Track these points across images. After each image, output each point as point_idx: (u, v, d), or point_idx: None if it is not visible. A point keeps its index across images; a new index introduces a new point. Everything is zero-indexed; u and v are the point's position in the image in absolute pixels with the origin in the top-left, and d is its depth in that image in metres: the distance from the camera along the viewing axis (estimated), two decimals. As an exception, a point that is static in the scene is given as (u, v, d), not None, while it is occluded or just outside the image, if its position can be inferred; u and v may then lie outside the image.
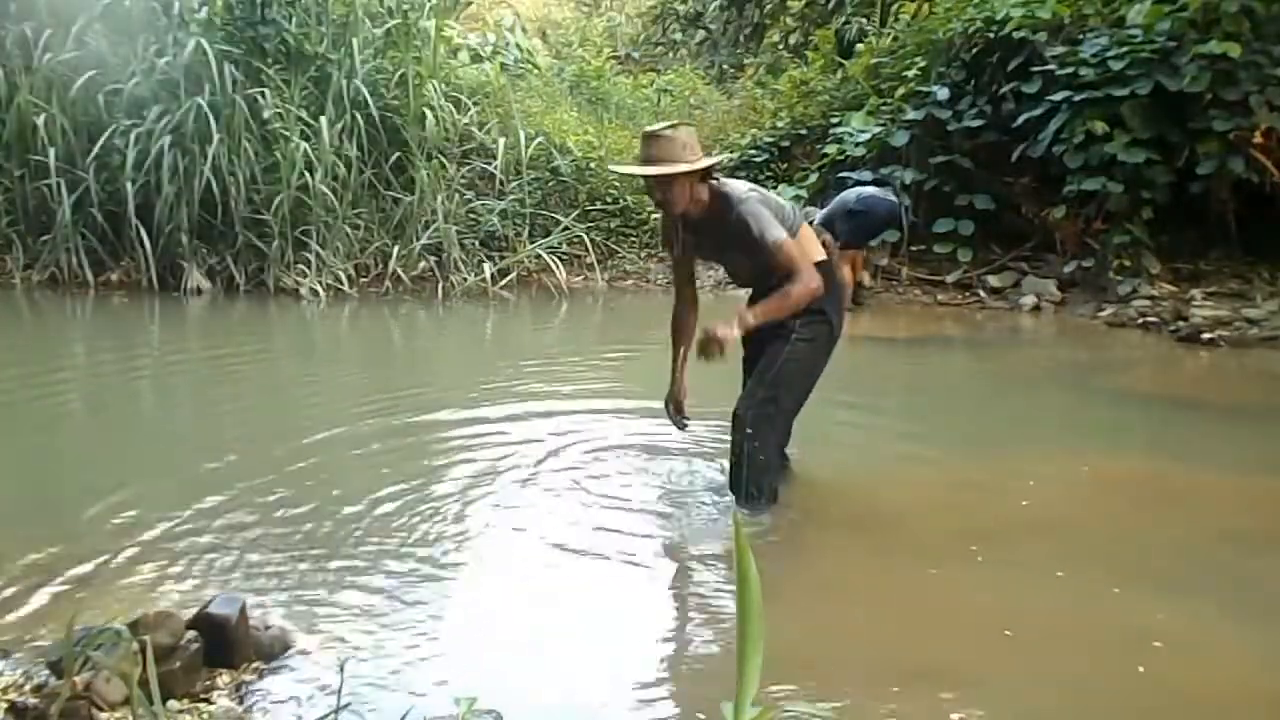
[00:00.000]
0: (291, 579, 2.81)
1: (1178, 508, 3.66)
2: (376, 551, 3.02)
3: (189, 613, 2.25)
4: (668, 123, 3.33)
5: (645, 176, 3.26)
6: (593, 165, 9.91)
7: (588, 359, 6.45)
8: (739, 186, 3.33)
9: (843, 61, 10.97)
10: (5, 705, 1.95)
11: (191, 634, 2.16)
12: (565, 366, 6.13)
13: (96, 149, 8.46)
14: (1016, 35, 8.64)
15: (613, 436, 4.28)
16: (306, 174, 8.42)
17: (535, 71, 12.00)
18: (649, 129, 3.25)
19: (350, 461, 4.11)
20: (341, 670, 1.90)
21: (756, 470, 3.31)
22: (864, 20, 12.39)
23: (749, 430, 3.28)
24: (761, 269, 3.30)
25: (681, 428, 3.67)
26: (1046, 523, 3.43)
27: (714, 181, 3.30)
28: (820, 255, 3.39)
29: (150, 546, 3.02)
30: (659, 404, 3.70)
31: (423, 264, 8.86)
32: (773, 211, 3.27)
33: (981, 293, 8.58)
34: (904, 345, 7.19)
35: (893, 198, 7.86)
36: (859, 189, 7.93)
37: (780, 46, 14.71)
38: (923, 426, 4.82)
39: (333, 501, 3.50)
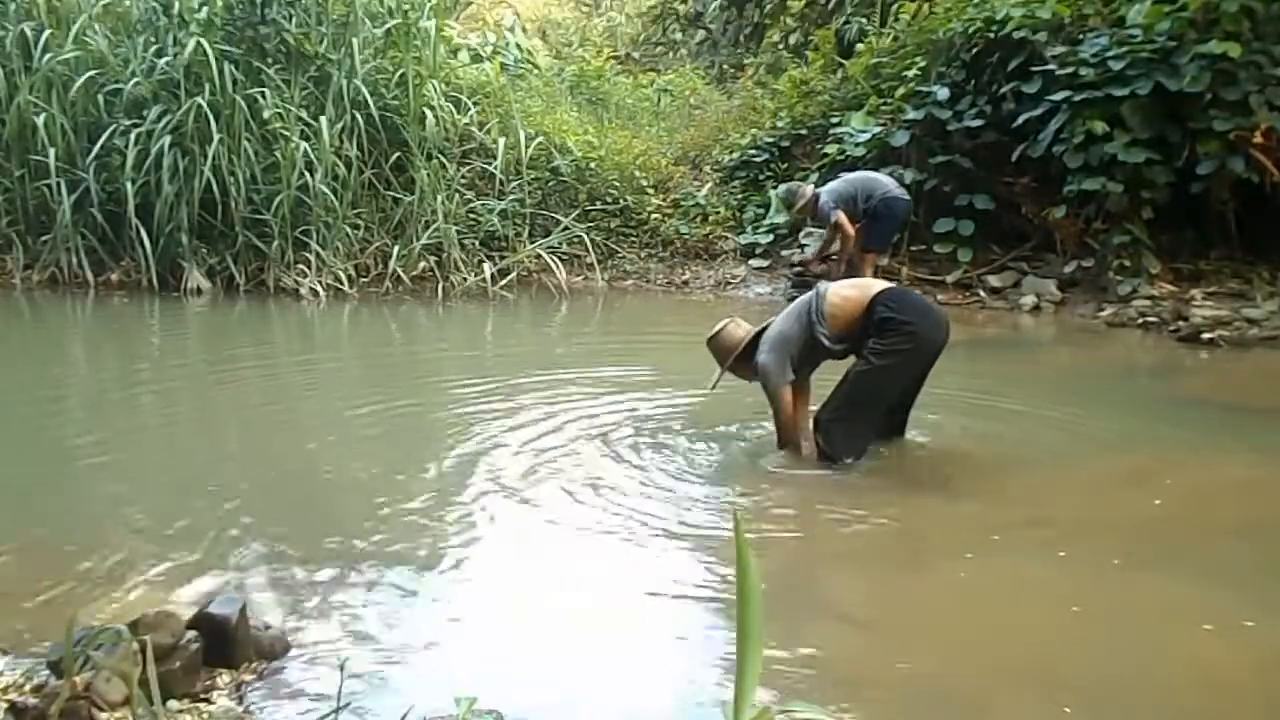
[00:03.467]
0: (292, 579, 2.81)
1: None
2: (377, 551, 3.02)
3: (189, 613, 2.25)
4: (716, 328, 4.17)
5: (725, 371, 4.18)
6: (593, 165, 9.91)
7: (588, 356, 6.44)
8: (766, 339, 4.01)
9: (843, 61, 10.96)
10: (5, 705, 1.95)
11: (191, 634, 2.16)
12: (565, 363, 6.12)
13: (96, 149, 8.46)
14: (1016, 35, 8.62)
15: (612, 434, 4.28)
16: (306, 174, 8.42)
17: (535, 71, 12.00)
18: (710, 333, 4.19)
19: (350, 460, 4.12)
20: (341, 670, 1.90)
21: (832, 455, 3.87)
22: (864, 20, 12.37)
23: (822, 432, 3.89)
24: (815, 360, 4.12)
25: None
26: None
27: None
28: (877, 286, 4.00)
29: (151, 546, 3.02)
30: (658, 399, 3.71)
31: (423, 264, 8.85)
32: (787, 341, 3.96)
33: (981, 293, 8.57)
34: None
35: (904, 192, 7.99)
36: (876, 182, 7.92)
37: (780, 46, 14.70)
38: (1000, 430, 4.65)
39: (332, 501, 3.50)
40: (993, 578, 2.97)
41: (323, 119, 8.51)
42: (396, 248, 8.77)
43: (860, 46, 10.90)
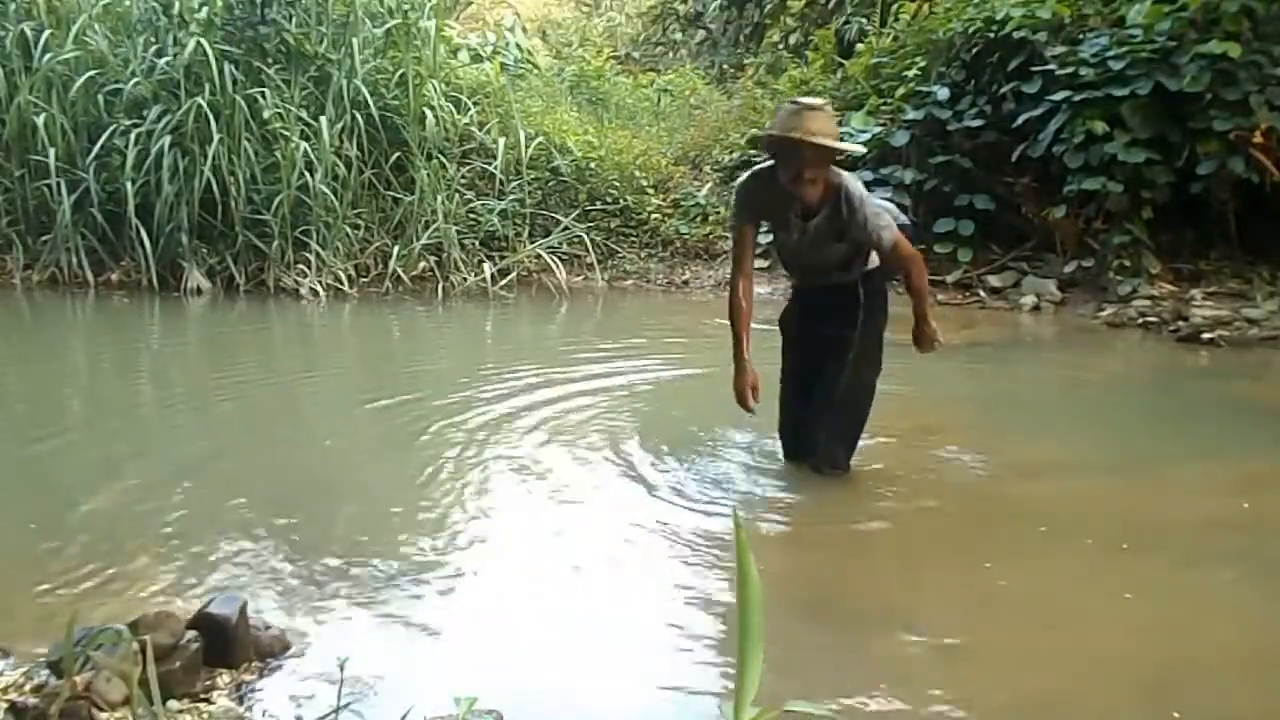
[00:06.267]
0: (291, 579, 2.81)
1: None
2: (377, 550, 3.02)
3: (189, 613, 2.25)
4: (819, 99, 3.42)
5: (812, 145, 3.15)
6: (593, 165, 9.91)
7: (587, 354, 6.43)
8: (853, 181, 3.37)
9: (843, 61, 10.96)
10: (5, 705, 1.95)
11: (191, 634, 2.16)
12: (565, 363, 6.11)
13: (96, 149, 8.46)
14: (1016, 35, 8.63)
15: (613, 434, 4.27)
16: (306, 174, 8.42)
17: (535, 71, 11.99)
18: (805, 100, 3.29)
19: (350, 459, 4.12)
20: (341, 670, 1.90)
21: (837, 470, 3.60)
22: (864, 20, 12.37)
23: (827, 458, 3.56)
24: (846, 262, 3.47)
25: (753, 412, 3.58)
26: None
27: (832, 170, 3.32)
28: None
29: (150, 546, 3.02)
30: (659, 397, 3.69)
31: (423, 264, 8.85)
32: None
33: (981, 293, 8.57)
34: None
35: (906, 220, 7.85)
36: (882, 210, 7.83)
37: (780, 46, 14.68)
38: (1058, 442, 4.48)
39: (333, 500, 3.50)
40: (1035, 577, 2.95)
41: (323, 119, 8.51)
42: (396, 248, 8.77)
43: (860, 46, 10.90)
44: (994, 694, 2.29)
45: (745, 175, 3.58)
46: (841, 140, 3.30)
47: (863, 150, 3.40)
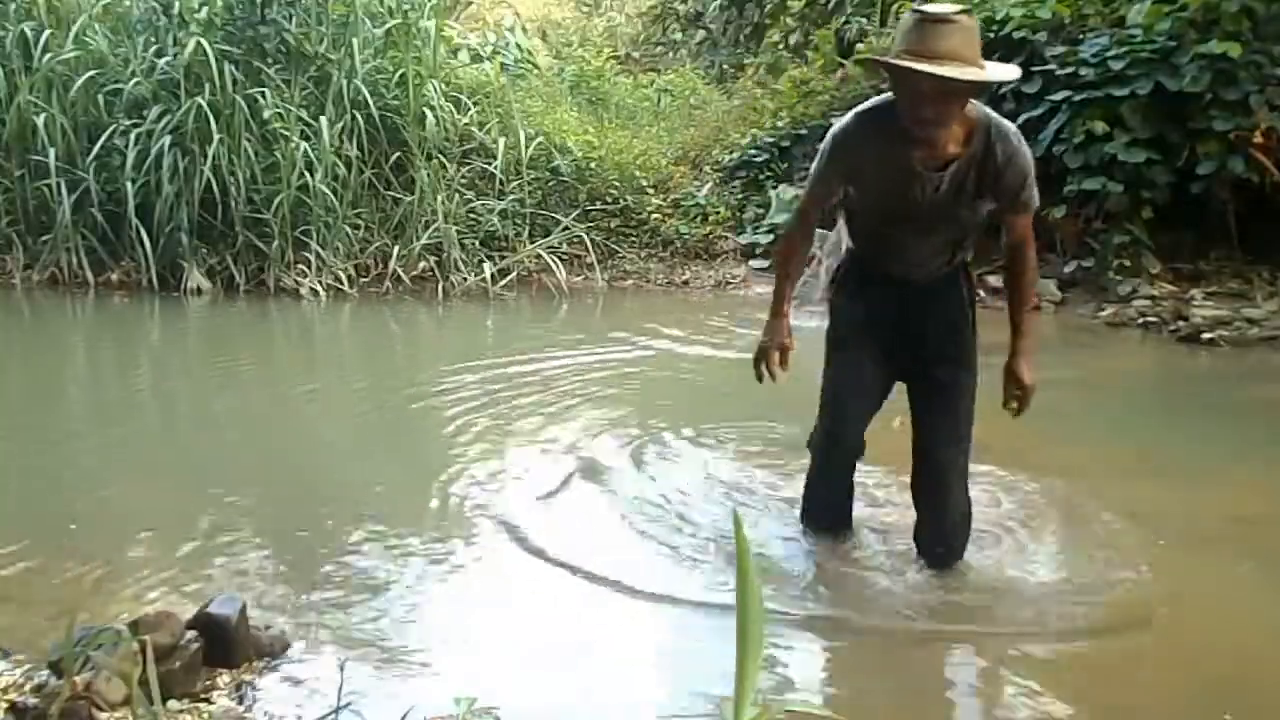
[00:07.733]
0: (291, 579, 2.81)
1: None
2: (377, 551, 3.02)
3: (189, 613, 2.25)
4: (956, 6, 2.33)
5: (946, 79, 2.22)
6: (593, 165, 9.92)
7: (590, 355, 6.43)
8: (998, 117, 2.51)
9: (843, 61, 10.95)
10: (5, 705, 1.95)
11: (191, 634, 2.16)
12: (566, 362, 6.11)
13: (96, 149, 8.46)
14: (1016, 35, 8.63)
15: (614, 433, 4.27)
16: (306, 174, 8.41)
17: (535, 71, 11.99)
18: (935, 10, 2.30)
19: (351, 461, 4.12)
20: (341, 670, 1.90)
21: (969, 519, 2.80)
22: (864, 20, 12.36)
23: (960, 476, 2.74)
24: (952, 245, 2.64)
25: (776, 378, 2.84)
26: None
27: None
28: None
29: (150, 546, 3.02)
30: (659, 398, 3.67)
31: (423, 264, 8.85)
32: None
33: (981, 293, 8.47)
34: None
35: None
36: None
37: (780, 46, 14.66)
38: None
39: (332, 500, 3.50)
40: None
41: (323, 119, 8.51)
42: (396, 248, 8.76)
43: (860, 46, 10.89)
44: (1016, 696, 2.29)
45: (849, 117, 2.67)
46: (984, 63, 2.28)
47: (1016, 74, 2.55)
